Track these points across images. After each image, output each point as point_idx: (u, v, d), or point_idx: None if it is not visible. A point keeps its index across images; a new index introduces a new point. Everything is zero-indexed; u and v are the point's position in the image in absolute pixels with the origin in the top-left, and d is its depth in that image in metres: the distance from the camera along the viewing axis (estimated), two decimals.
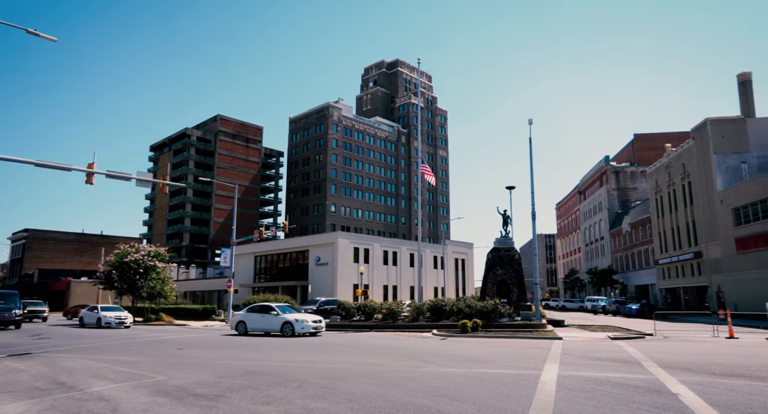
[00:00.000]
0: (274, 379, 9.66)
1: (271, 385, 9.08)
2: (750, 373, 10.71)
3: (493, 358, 13.35)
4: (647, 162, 71.00)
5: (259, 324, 23.49)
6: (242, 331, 23.76)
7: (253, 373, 10.48)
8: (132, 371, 11.03)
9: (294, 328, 22.05)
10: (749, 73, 46.62)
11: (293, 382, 9.30)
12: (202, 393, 8.38)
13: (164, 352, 15.44)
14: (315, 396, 8.04)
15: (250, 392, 8.40)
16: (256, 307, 24.69)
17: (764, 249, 37.50)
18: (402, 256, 64.63)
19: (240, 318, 24.28)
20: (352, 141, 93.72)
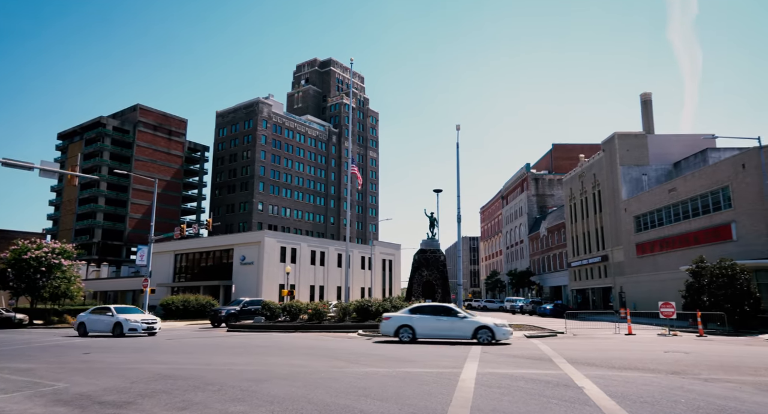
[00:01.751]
0: (192, 383, 9.23)
1: (188, 389, 8.67)
2: (643, 366, 11.77)
3: (416, 357, 13.63)
4: (564, 171, 75.90)
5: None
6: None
7: (168, 377, 9.94)
8: (27, 379, 10.05)
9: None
10: (650, 94, 51.40)
11: (212, 386, 8.94)
12: (109, 400, 7.82)
13: (67, 356, 14.25)
14: (235, 399, 7.78)
15: (164, 397, 7.96)
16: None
17: (659, 253, 41.35)
18: (330, 257, 64.31)
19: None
20: (282, 138, 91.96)
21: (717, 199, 35.21)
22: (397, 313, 19.67)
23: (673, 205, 39.86)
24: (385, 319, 19.51)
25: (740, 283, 26.42)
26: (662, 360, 13.16)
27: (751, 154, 31.74)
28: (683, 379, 9.85)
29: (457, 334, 18.49)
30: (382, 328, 19.53)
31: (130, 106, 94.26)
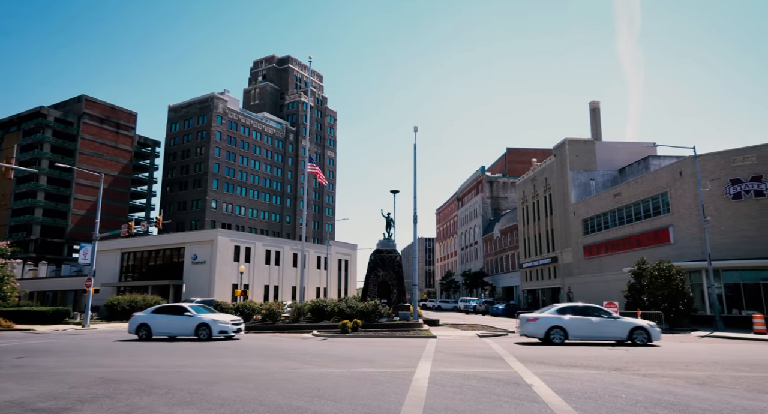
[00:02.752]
0: (137, 387, 8.84)
1: (133, 393, 8.30)
2: (588, 364, 12.28)
3: (371, 357, 13.64)
4: (517, 174, 78.07)
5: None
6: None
7: (111, 382, 9.47)
8: None
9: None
10: (598, 102, 53.71)
11: (159, 389, 8.60)
12: (44, 407, 7.36)
13: None
14: (183, 403, 7.52)
15: (106, 402, 7.58)
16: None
17: (604, 255, 43.25)
18: (285, 256, 63.44)
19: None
20: (238, 135, 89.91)
21: (657, 204, 37.19)
22: (545, 314, 18.84)
23: (618, 209, 41.79)
24: (532, 320, 18.73)
25: (676, 284, 28.03)
26: (605, 357, 13.76)
27: (687, 163, 33.73)
28: (624, 375, 10.34)
29: (612, 336, 18.19)
30: (527, 329, 18.78)
31: (75, 96, 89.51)
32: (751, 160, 31.56)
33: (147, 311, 21.30)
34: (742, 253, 30.65)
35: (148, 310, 21.63)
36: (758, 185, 31.04)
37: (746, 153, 31.87)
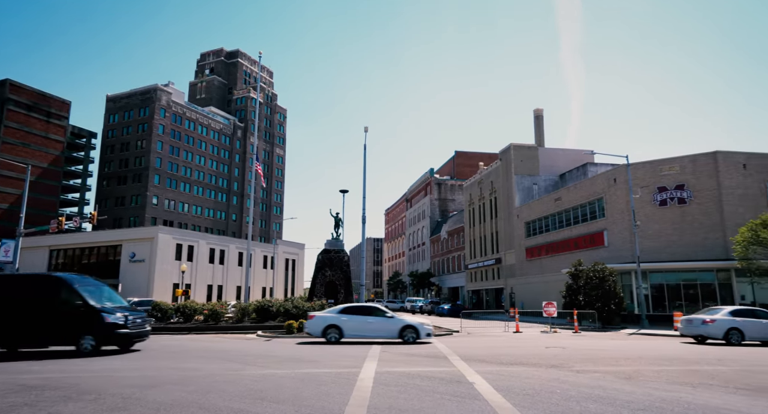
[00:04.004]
0: (63, 393, 8.30)
1: (58, 400, 7.78)
2: (527, 361, 12.78)
3: (316, 358, 13.55)
4: (465, 177, 79.93)
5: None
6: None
7: (33, 388, 8.82)
8: None
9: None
10: (541, 110, 56.03)
11: (88, 395, 8.13)
12: None
13: None
14: (114, 408, 7.16)
15: (25, 411, 7.08)
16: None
17: (545, 257, 45.12)
18: (230, 255, 61.80)
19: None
20: (182, 129, 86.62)
21: (594, 209, 39.23)
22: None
23: (558, 213, 43.73)
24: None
25: (609, 285, 29.69)
26: (543, 355, 14.37)
27: (620, 170, 35.81)
28: (560, 372, 10.84)
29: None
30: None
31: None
32: (675, 170, 33.93)
33: (333, 311, 19.43)
34: (667, 256, 32.90)
35: (333, 309, 19.81)
36: (681, 193, 33.42)
37: (671, 163, 34.23)
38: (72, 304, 14.30)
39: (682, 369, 11.66)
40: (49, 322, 14.17)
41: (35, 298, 14.53)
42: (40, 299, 14.49)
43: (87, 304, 14.28)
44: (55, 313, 14.27)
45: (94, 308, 14.30)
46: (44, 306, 14.31)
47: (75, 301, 14.31)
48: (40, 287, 14.86)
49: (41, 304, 14.38)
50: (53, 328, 14.11)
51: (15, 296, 14.62)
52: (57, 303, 14.40)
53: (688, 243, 32.62)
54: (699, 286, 32.26)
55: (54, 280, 15.02)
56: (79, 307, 14.22)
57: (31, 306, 14.32)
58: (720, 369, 11.75)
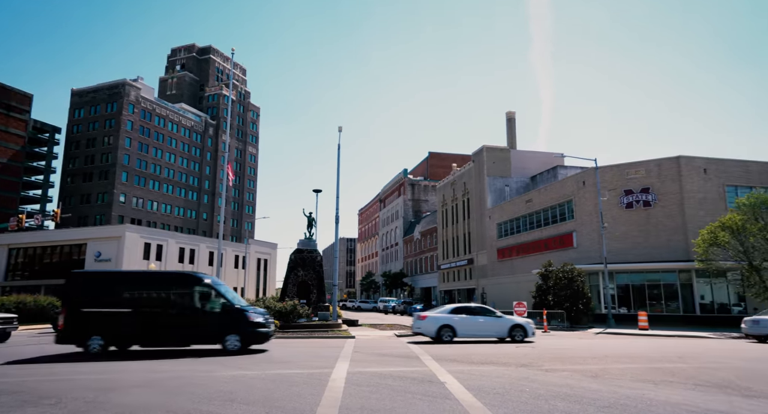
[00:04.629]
0: (22, 398, 7.99)
1: (15, 405, 7.47)
2: (498, 361, 12.97)
3: (288, 358, 13.42)
4: (438, 178, 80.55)
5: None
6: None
7: None
8: None
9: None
10: (514, 112, 57.00)
11: (48, 399, 7.84)
12: None
13: None
14: (76, 413, 6.94)
15: None
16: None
17: (516, 258, 45.87)
18: (200, 254, 60.67)
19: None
20: (152, 126, 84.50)
21: (563, 211, 40.10)
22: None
23: (529, 214, 44.52)
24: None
25: (577, 285, 30.40)
26: (513, 354, 14.61)
27: (589, 173, 36.71)
28: (529, 371, 11.05)
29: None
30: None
31: None
32: (641, 173, 34.99)
33: (444, 311, 19.55)
34: (632, 257, 33.89)
35: (443, 309, 19.75)
36: (646, 196, 34.48)
37: (638, 166, 35.29)
38: (217, 303, 14.71)
39: (645, 367, 12.04)
40: (193, 321, 14.47)
41: (178, 296, 14.76)
42: (183, 298, 14.77)
43: (231, 303, 14.78)
44: (199, 311, 14.62)
45: (239, 308, 14.79)
46: (187, 304, 14.65)
47: (219, 301, 14.74)
48: (182, 285, 15.04)
49: (184, 302, 14.69)
50: (198, 327, 14.40)
51: (158, 294, 14.75)
52: (200, 302, 14.78)
53: (653, 244, 33.68)
54: (662, 286, 33.34)
55: (196, 280, 15.22)
56: (224, 307, 14.64)
57: (175, 304, 14.56)
58: (681, 366, 12.18)
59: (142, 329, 14.25)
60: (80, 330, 14.07)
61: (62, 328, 14.06)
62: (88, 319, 14.16)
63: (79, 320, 14.13)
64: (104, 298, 14.45)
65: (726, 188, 33.86)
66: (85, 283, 15.08)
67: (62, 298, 14.67)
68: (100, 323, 14.13)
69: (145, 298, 14.66)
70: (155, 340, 14.62)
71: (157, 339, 14.57)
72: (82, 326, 14.09)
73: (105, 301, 14.41)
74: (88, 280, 15.40)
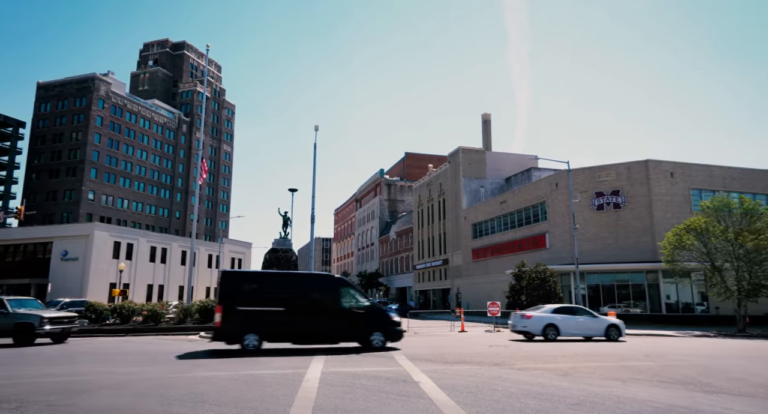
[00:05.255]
0: None
1: None
2: (471, 360, 13.11)
3: (261, 359, 13.28)
4: (414, 178, 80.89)
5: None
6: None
7: None
8: None
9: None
10: (489, 115, 57.73)
11: (8, 403, 7.54)
12: None
13: None
14: None
15: None
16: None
17: (490, 258, 46.44)
18: (173, 254, 59.49)
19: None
20: (123, 122, 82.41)
21: (537, 212, 40.80)
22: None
23: (504, 215, 45.13)
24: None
25: (549, 285, 30.98)
26: (486, 354, 14.79)
27: (562, 175, 37.46)
28: (502, 370, 11.20)
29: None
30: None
31: None
32: (611, 176, 35.87)
33: (546, 311, 21.05)
34: (602, 258, 34.72)
35: (545, 310, 21.35)
36: (616, 198, 35.37)
37: (608, 169, 36.17)
38: (362, 304, 15.87)
39: (614, 365, 12.35)
40: (341, 320, 15.36)
41: (326, 296, 15.59)
42: (332, 298, 15.57)
43: (373, 304, 16.36)
44: (347, 311, 15.54)
45: (382, 308, 16.60)
46: (336, 304, 15.51)
47: (364, 302, 16.02)
48: (329, 287, 15.98)
49: (333, 302, 15.50)
50: (346, 326, 15.36)
51: (307, 294, 15.44)
52: (347, 302, 15.70)
53: (622, 246, 34.57)
54: (631, 286, 34.27)
55: (341, 281, 16.37)
56: (369, 307, 15.90)
57: (324, 304, 15.37)
58: (647, 364, 12.55)
59: (294, 328, 14.89)
60: (237, 328, 14.40)
61: (219, 325, 14.32)
62: (244, 317, 14.53)
63: (235, 318, 14.43)
64: (258, 297, 14.91)
65: (691, 191, 35.02)
66: (238, 282, 15.60)
67: (218, 297, 15.00)
68: (255, 321, 14.55)
69: (296, 298, 15.18)
70: (307, 338, 15.29)
71: (308, 337, 15.25)
72: (238, 324, 14.43)
73: (259, 299, 14.84)
74: (240, 279, 15.94)
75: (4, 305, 17.66)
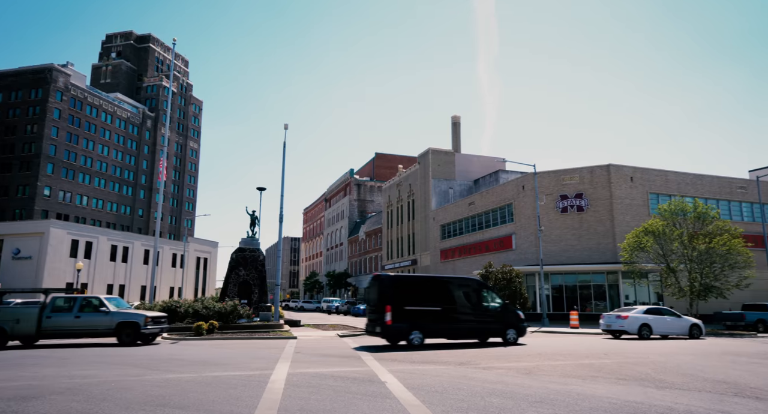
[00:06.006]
0: None
1: None
2: (438, 360, 13.24)
3: (226, 360, 13.06)
4: (384, 179, 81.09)
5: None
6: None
7: None
8: None
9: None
10: (459, 117, 58.41)
11: None
12: None
13: None
14: None
15: None
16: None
17: (458, 259, 47.00)
18: (135, 252, 57.80)
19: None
20: (82, 115, 79.40)
21: (504, 214, 41.53)
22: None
23: (472, 217, 45.75)
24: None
25: (515, 286, 31.56)
26: (453, 353, 14.96)
27: (528, 178, 38.26)
28: (467, 369, 11.35)
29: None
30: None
31: None
32: (575, 180, 36.88)
33: (639, 312, 22.86)
34: (566, 259, 35.65)
35: (638, 310, 23.12)
36: (580, 201, 36.38)
37: (572, 173, 37.17)
38: (498, 304, 18.43)
39: (574, 363, 12.70)
40: (484, 319, 17.87)
41: (472, 297, 18.02)
42: (477, 299, 18.08)
43: (507, 304, 19.07)
44: (488, 310, 18.08)
45: (513, 309, 19.32)
46: (480, 304, 18.04)
47: (499, 303, 18.55)
48: (474, 289, 18.32)
49: (478, 302, 18.02)
50: (489, 324, 17.86)
51: (458, 295, 17.67)
52: (486, 301, 18.23)
53: (585, 247, 35.58)
54: (592, 286, 35.31)
55: (479, 284, 18.83)
56: (504, 305, 18.64)
57: (470, 304, 17.82)
58: (606, 362, 12.96)
59: (451, 325, 17.08)
60: (404, 326, 16.21)
61: (390, 324, 15.95)
62: (410, 316, 16.41)
63: (403, 317, 16.22)
64: (417, 298, 16.82)
65: (649, 195, 36.37)
66: (396, 284, 17.08)
67: (384, 297, 16.40)
68: (419, 320, 16.46)
69: (449, 299, 17.28)
70: (461, 335, 17.72)
71: (462, 334, 17.65)
72: (405, 322, 16.22)
73: (419, 300, 16.76)
74: (397, 281, 17.41)
75: (104, 304, 17.51)
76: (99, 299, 17.67)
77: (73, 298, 17.43)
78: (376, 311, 16.68)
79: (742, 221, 37.63)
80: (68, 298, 17.61)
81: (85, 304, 17.34)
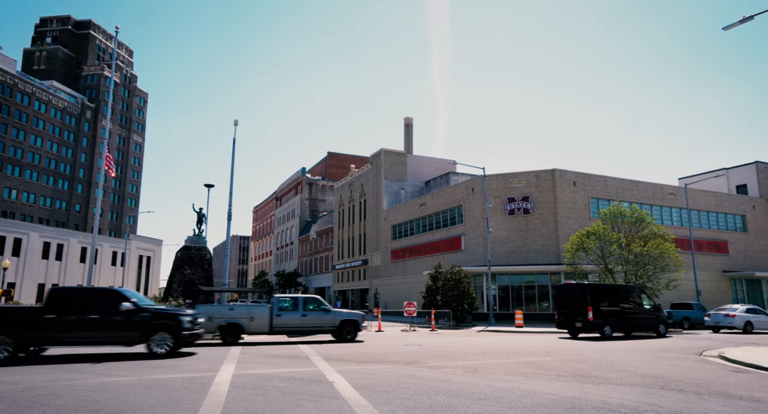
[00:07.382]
0: None
1: None
2: (386, 359, 13.31)
3: (170, 363, 12.54)
4: (336, 178, 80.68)
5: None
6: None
7: None
8: None
9: None
10: (411, 118, 59.07)
11: None
12: None
13: None
14: None
15: None
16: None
17: (408, 259, 47.46)
18: (71, 250, 54.62)
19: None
20: (12, 103, 74.23)
21: (454, 215, 42.32)
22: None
23: (423, 218, 46.33)
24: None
25: (463, 286, 32.23)
26: (401, 353, 15.08)
27: (478, 181, 39.20)
28: (415, 368, 11.48)
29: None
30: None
31: None
32: (522, 183, 38.13)
33: (742, 311, 26.52)
34: (512, 260, 36.78)
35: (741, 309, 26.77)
36: (526, 204, 37.65)
37: (520, 177, 38.41)
38: (650, 304, 23.60)
39: (517, 361, 13.12)
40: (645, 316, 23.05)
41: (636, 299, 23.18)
42: (638, 301, 23.17)
43: (657, 305, 24.10)
44: (647, 310, 23.20)
45: (661, 308, 24.13)
46: (642, 305, 23.18)
47: (652, 304, 23.72)
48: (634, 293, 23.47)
49: (641, 303, 23.24)
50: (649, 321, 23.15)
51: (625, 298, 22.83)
52: (646, 304, 23.47)
53: (530, 249, 36.85)
54: (537, 287, 36.60)
55: (639, 289, 24.18)
56: (654, 306, 23.59)
57: (637, 305, 23.04)
58: (547, 359, 13.47)
59: (626, 322, 22.21)
60: (601, 322, 21.24)
61: (592, 320, 20.93)
62: (604, 314, 21.42)
63: (600, 315, 21.24)
64: (604, 301, 21.77)
65: (590, 199, 38.14)
66: (591, 291, 21.83)
67: (585, 299, 21.30)
68: (609, 317, 21.51)
69: (622, 301, 22.38)
70: (632, 329, 22.67)
71: (633, 329, 22.71)
72: (601, 319, 21.28)
73: (605, 303, 21.75)
74: (591, 288, 22.20)
75: (324, 304, 19.31)
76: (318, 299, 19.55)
77: (295, 298, 19.08)
78: (573, 310, 21.61)
79: (672, 225, 40.21)
80: (292, 298, 19.16)
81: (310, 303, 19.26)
